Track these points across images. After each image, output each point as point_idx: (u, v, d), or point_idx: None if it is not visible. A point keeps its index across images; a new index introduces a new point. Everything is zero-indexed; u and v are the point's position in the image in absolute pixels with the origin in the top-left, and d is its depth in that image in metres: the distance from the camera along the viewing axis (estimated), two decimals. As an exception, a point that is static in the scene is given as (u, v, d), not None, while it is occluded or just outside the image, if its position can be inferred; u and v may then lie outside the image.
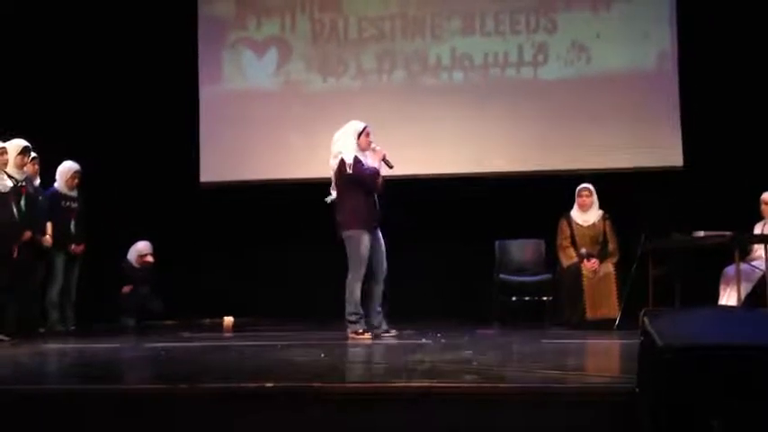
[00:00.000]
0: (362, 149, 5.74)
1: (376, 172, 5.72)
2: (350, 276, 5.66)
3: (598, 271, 6.53)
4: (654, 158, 7.76)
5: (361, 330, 5.62)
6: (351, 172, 5.62)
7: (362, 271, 5.65)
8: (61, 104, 8.08)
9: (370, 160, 5.76)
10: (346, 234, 5.68)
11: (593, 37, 8.00)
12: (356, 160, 5.65)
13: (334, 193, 5.79)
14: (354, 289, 5.63)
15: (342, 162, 5.66)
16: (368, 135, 5.78)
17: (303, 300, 7.24)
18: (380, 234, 5.82)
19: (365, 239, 5.66)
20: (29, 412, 3.18)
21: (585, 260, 6.57)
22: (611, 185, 7.09)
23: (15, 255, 6.10)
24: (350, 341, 5.54)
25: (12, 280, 6.10)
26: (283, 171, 8.13)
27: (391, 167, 5.83)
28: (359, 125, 5.77)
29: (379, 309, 5.76)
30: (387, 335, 5.69)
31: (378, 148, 5.80)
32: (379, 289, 5.76)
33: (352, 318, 5.63)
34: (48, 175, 6.95)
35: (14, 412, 3.18)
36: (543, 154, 7.93)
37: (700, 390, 2.63)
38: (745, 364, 2.64)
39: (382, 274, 5.79)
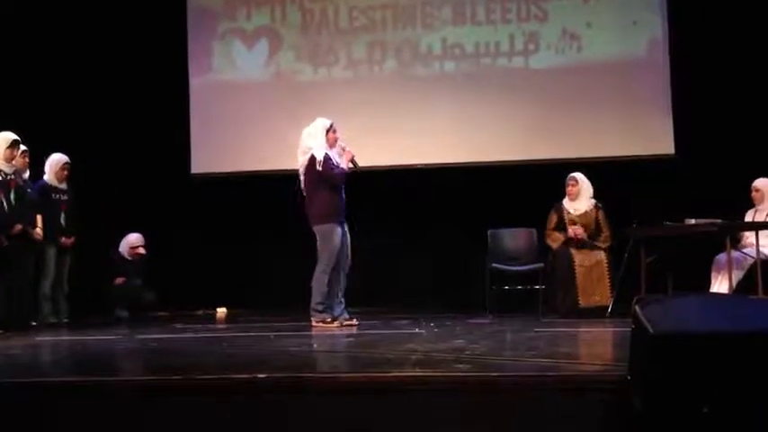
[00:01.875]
0: (330, 146, 5.93)
1: (344, 172, 5.89)
2: (319, 268, 5.84)
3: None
4: (645, 146, 7.77)
5: (329, 319, 5.80)
6: (320, 169, 5.80)
7: (332, 263, 5.84)
8: (51, 97, 8.03)
9: (337, 157, 5.93)
10: (318, 228, 5.87)
11: (583, 25, 7.99)
12: (326, 158, 5.82)
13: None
14: (324, 280, 5.82)
15: (312, 159, 5.83)
16: (335, 132, 5.97)
17: (295, 290, 7.22)
18: (347, 228, 5.99)
19: (337, 232, 5.86)
20: (21, 405, 3.18)
21: (574, 250, 6.61)
22: (603, 174, 7.10)
23: (4, 245, 6.07)
24: (314, 330, 5.63)
25: (2, 273, 6.07)
26: (274, 162, 8.09)
27: (358, 169, 6.01)
28: (326, 122, 5.97)
29: (342, 299, 5.94)
30: (349, 323, 5.87)
31: (347, 148, 5.99)
32: (342, 281, 5.93)
33: (319, 307, 5.82)
34: (36, 167, 6.90)
35: (7, 405, 3.18)
36: (534, 143, 7.93)
37: (691, 377, 2.64)
38: (736, 351, 2.65)
39: (347, 267, 5.97)
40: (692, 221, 6.11)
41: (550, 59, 8.03)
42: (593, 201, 6.82)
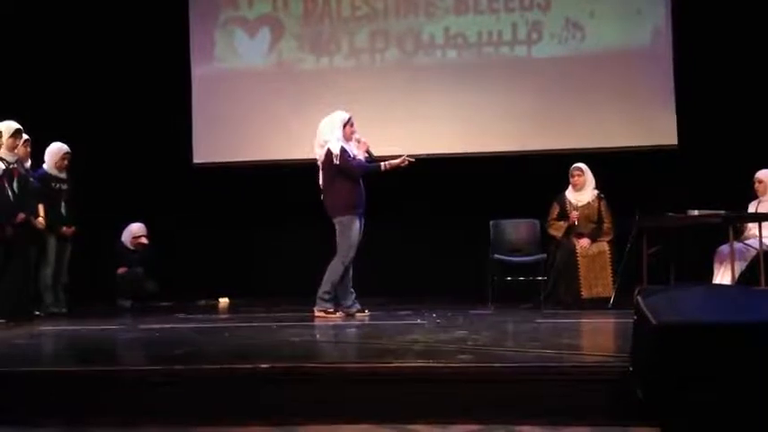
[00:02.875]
0: (347, 139, 5.93)
1: (361, 164, 5.91)
2: (337, 259, 5.84)
3: (587, 247, 6.56)
4: (648, 137, 7.75)
5: (332, 309, 5.83)
6: (338, 163, 5.80)
7: (351, 255, 5.84)
8: (54, 87, 8.02)
9: (354, 149, 5.94)
10: (339, 220, 5.85)
11: (587, 14, 7.95)
12: (342, 150, 5.82)
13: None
14: (338, 271, 5.82)
15: (329, 152, 5.82)
16: (352, 125, 5.98)
17: (297, 280, 7.23)
18: (363, 221, 5.99)
19: (356, 225, 5.87)
20: (24, 394, 3.19)
21: (576, 239, 6.60)
22: (606, 164, 7.08)
23: (10, 234, 6.06)
24: (316, 320, 5.65)
25: (5, 262, 6.08)
26: (276, 151, 8.10)
27: (373, 158, 6.03)
28: (344, 115, 5.96)
29: (352, 290, 5.95)
30: (361, 314, 5.88)
31: (362, 139, 6.01)
32: (351, 271, 5.94)
33: (326, 296, 5.84)
34: (35, 157, 6.88)
35: (11, 394, 3.19)
36: (537, 133, 7.91)
37: (693, 367, 2.64)
38: (739, 341, 2.65)
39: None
40: (695, 212, 6.10)
41: (553, 49, 8.00)
42: (596, 191, 6.81)
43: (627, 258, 6.37)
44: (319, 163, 5.95)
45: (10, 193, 6.16)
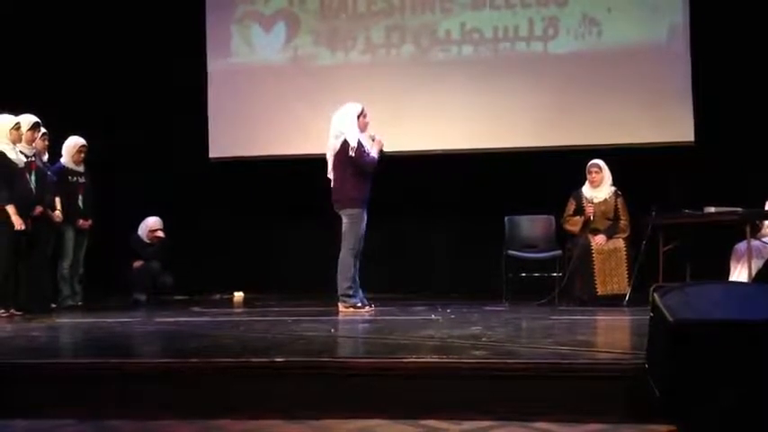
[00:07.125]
0: (361, 131, 5.92)
1: (374, 160, 5.90)
2: (344, 252, 5.85)
3: (603, 244, 6.53)
4: (665, 134, 7.70)
5: (360, 304, 5.83)
6: (353, 155, 5.80)
7: (357, 247, 5.86)
8: (71, 81, 8.06)
9: (367, 142, 5.92)
10: (347, 212, 5.86)
11: (604, 10, 7.91)
12: (359, 144, 5.82)
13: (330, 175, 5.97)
14: (349, 263, 5.83)
15: (345, 143, 5.80)
16: (365, 116, 5.98)
17: (312, 275, 7.26)
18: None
19: (365, 218, 5.88)
20: (41, 385, 3.21)
21: (592, 236, 6.57)
22: (622, 161, 7.04)
23: (29, 226, 6.10)
24: (342, 315, 5.65)
25: (25, 254, 6.12)
26: (292, 146, 8.11)
27: (386, 158, 6.02)
28: (358, 106, 5.97)
29: (358, 284, 5.96)
30: (368, 309, 5.89)
31: (377, 137, 5.98)
32: (358, 265, 5.96)
33: (350, 292, 5.84)
34: (51, 150, 6.93)
35: (28, 386, 3.21)
36: (553, 129, 7.88)
37: (710, 365, 2.63)
38: (756, 339, 2.64)
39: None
40: (712, 209, 6.06)
41: (570, 45, 7.96)
42: (613, 188, 6.77)
43: (643, 255, 6.34)
44: (331, 153, 5.94)
45: (32, 186, 6.20)
